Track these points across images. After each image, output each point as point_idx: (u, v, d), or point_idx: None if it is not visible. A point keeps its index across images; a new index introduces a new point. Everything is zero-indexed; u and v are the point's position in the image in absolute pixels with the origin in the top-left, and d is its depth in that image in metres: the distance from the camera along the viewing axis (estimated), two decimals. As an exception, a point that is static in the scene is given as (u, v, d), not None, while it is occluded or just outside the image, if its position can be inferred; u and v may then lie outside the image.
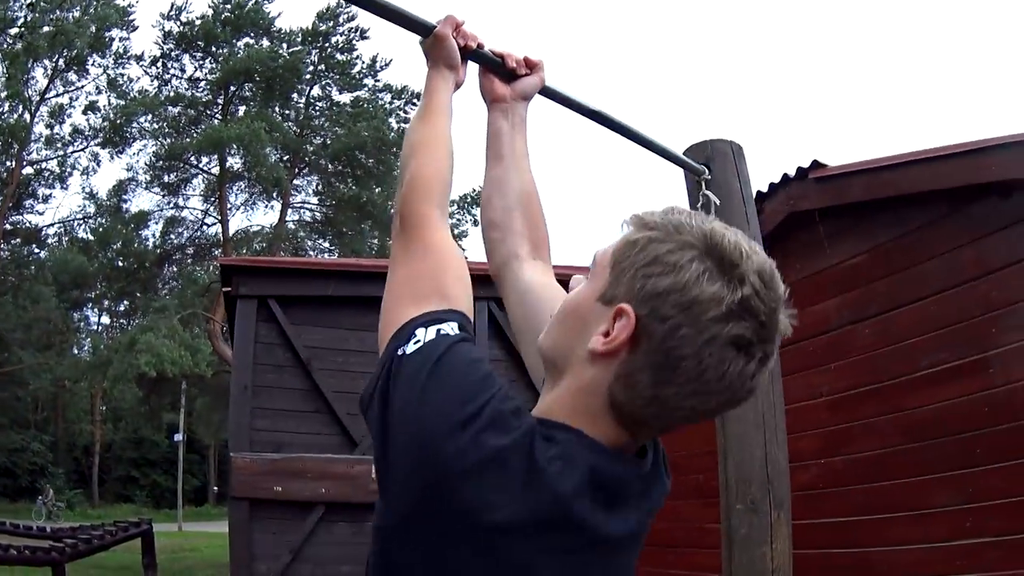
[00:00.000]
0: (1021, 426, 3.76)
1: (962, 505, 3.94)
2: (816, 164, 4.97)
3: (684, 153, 2.71)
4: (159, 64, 27.81)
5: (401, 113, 29.13)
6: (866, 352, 4.69)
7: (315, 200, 30.64)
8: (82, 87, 28.62)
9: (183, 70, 28.04)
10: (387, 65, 29.20)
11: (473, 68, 1.60)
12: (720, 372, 0.97)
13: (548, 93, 1.74)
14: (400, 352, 1.02)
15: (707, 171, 2.77)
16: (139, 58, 28.07)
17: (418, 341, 1.02)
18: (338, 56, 28.74)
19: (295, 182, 29.59)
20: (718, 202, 2.71)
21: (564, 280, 1.44)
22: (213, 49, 27.33)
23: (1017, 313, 3.84)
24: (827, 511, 4.54)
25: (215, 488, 42.82)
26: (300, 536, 7.71)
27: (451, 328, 1.05)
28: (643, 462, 1.08)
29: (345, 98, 29.42)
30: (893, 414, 4.45)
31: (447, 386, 0.97)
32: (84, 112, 28.67)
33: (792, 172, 5.10)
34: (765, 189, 5.16)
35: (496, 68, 1.61)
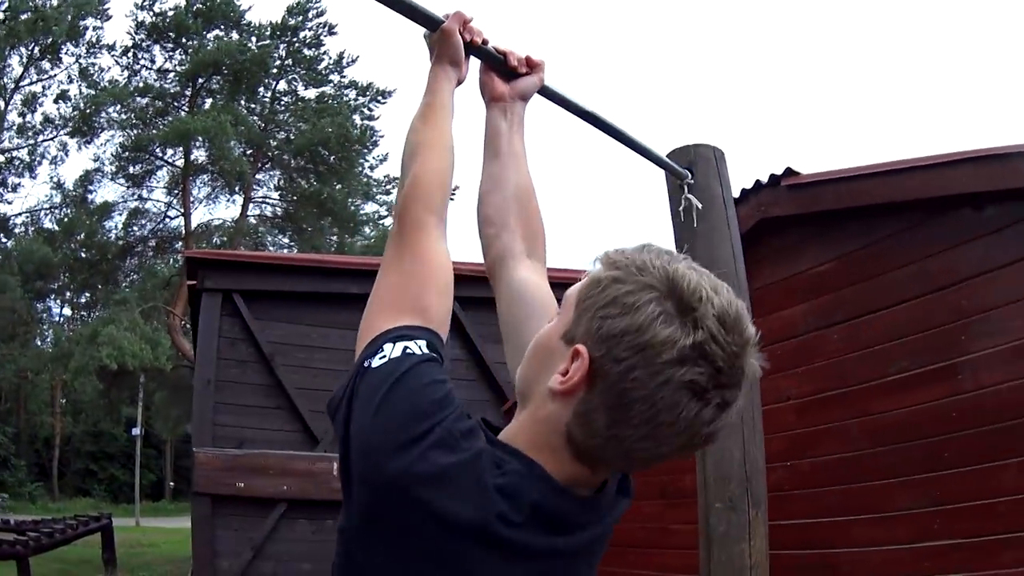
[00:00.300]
0: (989, 431, 3.85)
1: (930, 507, 4.02)
2: (789, 172, 5.00)
3: (668, 156, 2.75)
4: (130, 54, 27.48)
5: (365, 111, 29.06)
6: (834, 357, 4.75)
7: (276, 195, 30.43)
8: (55, 75, 28.12)
9: (153, 61, 27.79)
10: (354, 61, 29.12)
11: (473, 64, 1.59)
12: (674, 416, 0.97)
13: (545, 93, 1.74)
14: (367, 364, 1.05)
15: (690, 175, 2.81)
16: (111, 48, 27.65)
17: (384, 356, 1.05)
18: (305, 51, 28.60)
19: (257, 176, 29.38)
20: (700, 206, 2.75)
21: (555, 282, 1.45)
22: (183, 41, 27.07)
23: (987, 321, 3.93)
24: (794, 512, 4.59)
25: (171, 484, 42.47)
26: (262, 533, 7.68)
27: (418, 347, 1.07)
28: (598, 496, 1.09)
29: (310, 93, 29.30)
30: (860, 418, 4.51)
31: (402, 403, 1.00)
32: (55, 101, 28.19)
33: (765, 179, 5.14)
34: (737, 195, 5.20)
35: (498, 65, 1.61)
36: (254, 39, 27.56)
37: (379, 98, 29.04)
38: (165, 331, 24.43)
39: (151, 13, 26.70)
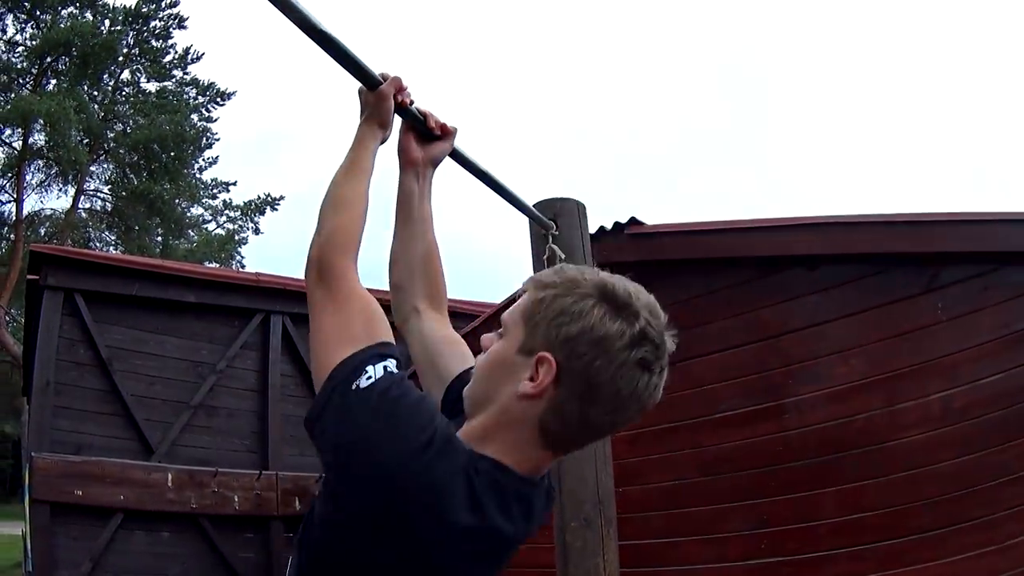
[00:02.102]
0: (811, 464, 4.36)
1: (758, 529, 4.47)
2: (633, 221, 5.24)
3: (534, 207, 3.01)
4: None
5: (204, 111, 28.19)
6: (667, 394, 5.08)
7: (107, 189, 28.98)
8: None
9: (4, 31, 25.66)
10: (199, 58, 28.12)
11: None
12: (631, 389, 1.23)
13: (453, 155, 1.91)
14: (355, 385, 1.22)
15: (555, 226, 3.08)
16: None
17: (370, 377, 1.22)
18: (153, 42, 27.44)
19: (91, 168, 27.92)
20: (563, 256, 3.02)
21: (456, 312, 1.68)
22: (38, 14, 25.39)
23: (812, 368, 4.44)
24: (627, 535, 4.88)
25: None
26: (100, 543, 7.39)
27: (395, 365, 1.27)
28: (543, 481, 1.35)
29: (152, 87, 28.09)
30: (691, 450, 4.87)
31: (405, 415, 1.20)
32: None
33: (609, 226, 5.29)
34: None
35: (418, 126, 1.74)
36: (107, 22, 26.23)
37: (219, 99, 28.24)
38: (-11, 323, 22.90)
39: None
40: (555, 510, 3.16)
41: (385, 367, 1.24)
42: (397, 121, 1.70)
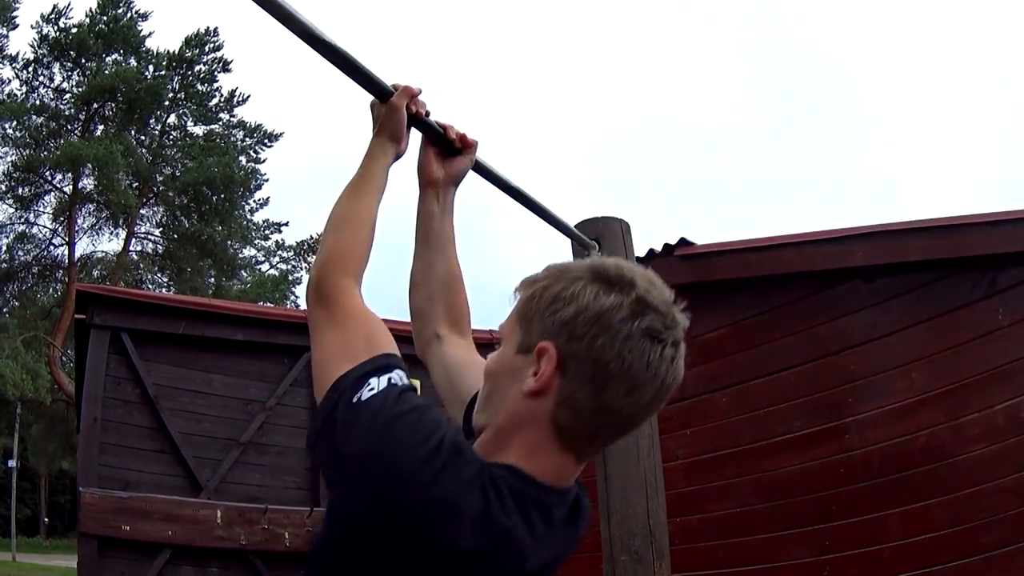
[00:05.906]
0: (875, 485, 4.16)
1: (820, 556, 4.27)
2: (683, 242, 5.15)
3: (576, 227, 2.88)
4: (30, 69, 26.09)
5: (251, 152, 28.58)
6: (723, 419, 4.93)
7: (158, 232, 29.49)
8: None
9: (51, 79, 26.39)
10: (245, 100, 28.59)
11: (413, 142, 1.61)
12: (644, 362, 1.11)
13: (476, 168, 1.78)
14: (356, 399, 1.11)
15: (597, 247, 2.95)
16: (13, 59, 26.00)
17: (372, 389, 1.12)
18: (198, 86, 27.99)
19: (142, 211, 28.45)
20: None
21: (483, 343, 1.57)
22: (83, 61, 26.00)
23: (874, 385, 4.25)
24: (685, 566, 4.72)
25: (46, 520, 40.44)
26: (147, 578, 7.41)
27: (399, 377, 1.15)
28: (571, 491, 1.21)
29: (199, 130, 28.62)
30: (749, 476, 4.70)
31: (410, 427, 1.08)
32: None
33: (659, 247, 5.25)
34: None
35: (437, 139, 1.63)
36: (151, 68, 26.83)
37: (266, 141, 28.68)
38: (45, 362, 23.33)
39: (56, 28, 25.51)
40: (604, 543, 3.02)
41: (389, 379, 1.14)
42: (415, 138, 1.61)
